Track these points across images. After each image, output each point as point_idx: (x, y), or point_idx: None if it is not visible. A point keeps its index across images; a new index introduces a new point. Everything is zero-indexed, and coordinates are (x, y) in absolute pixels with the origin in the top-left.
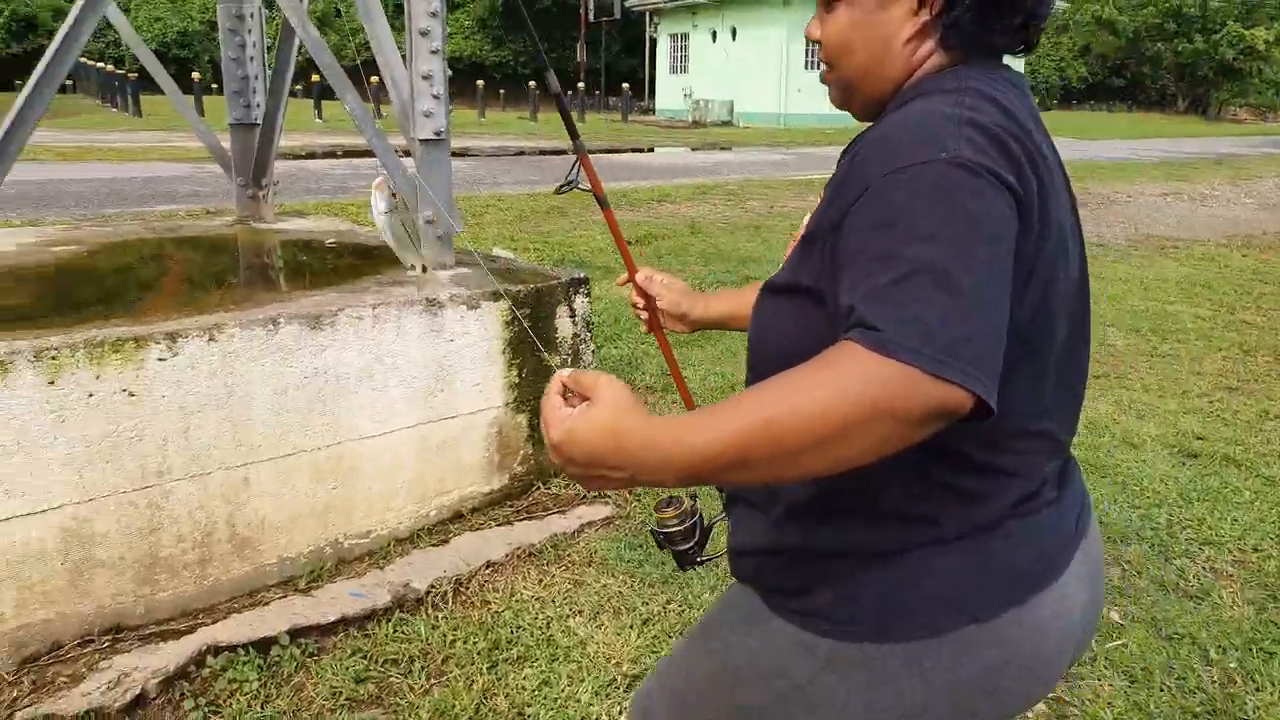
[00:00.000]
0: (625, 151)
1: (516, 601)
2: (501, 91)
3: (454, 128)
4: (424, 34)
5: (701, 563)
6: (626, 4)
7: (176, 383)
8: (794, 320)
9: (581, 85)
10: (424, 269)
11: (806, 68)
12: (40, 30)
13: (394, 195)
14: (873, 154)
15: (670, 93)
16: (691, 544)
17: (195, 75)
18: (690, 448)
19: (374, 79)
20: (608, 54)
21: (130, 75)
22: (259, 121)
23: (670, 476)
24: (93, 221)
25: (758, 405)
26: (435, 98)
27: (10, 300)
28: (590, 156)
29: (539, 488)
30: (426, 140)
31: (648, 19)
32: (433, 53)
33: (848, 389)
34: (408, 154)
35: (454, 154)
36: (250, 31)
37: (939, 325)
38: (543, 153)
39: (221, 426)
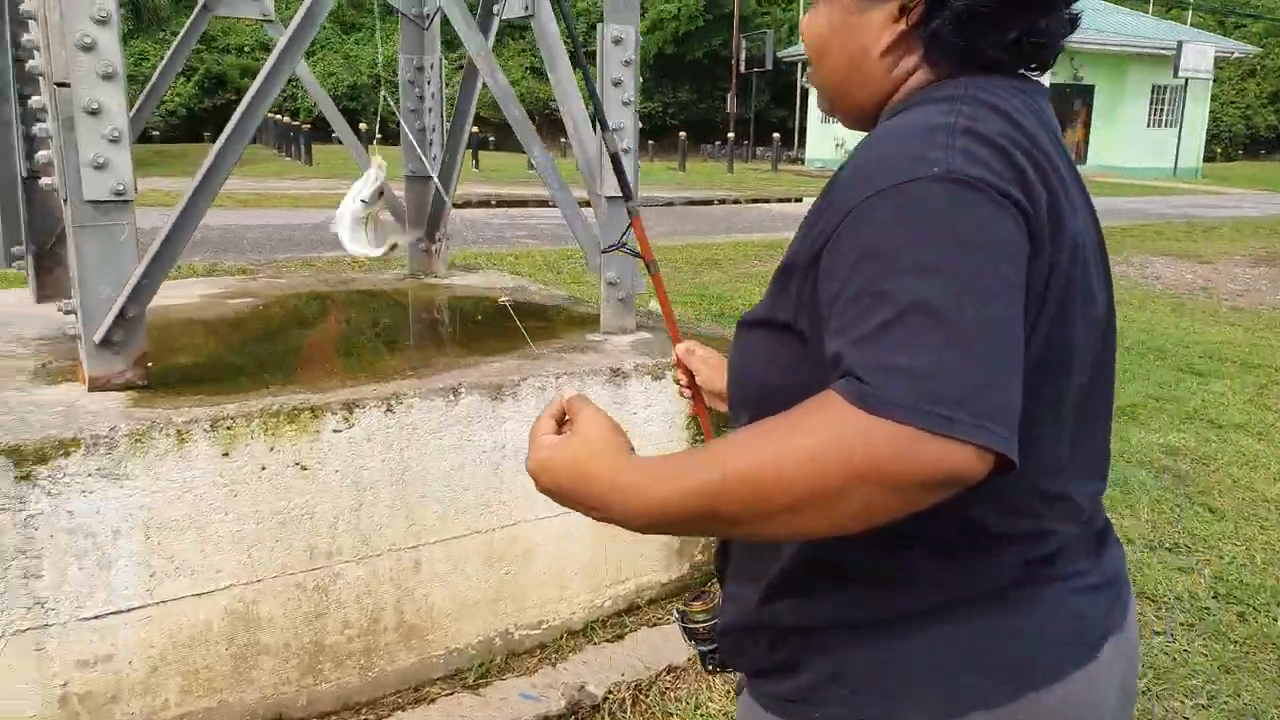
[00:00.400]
0: (774, 201)
1: (702, 716)
2: (650, 142)
3: None
4: (616, 84)
5: (715, 671)
6: (778, 54)
7: (351, 456)
8: (772, 357)
9: (731, 135)
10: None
11: None
12: (229, 87)
13: (381, 193)
14: (855, 173)
15: (821, 142)
16: (715, 647)
17: (362, 126)
18: (654, 498)
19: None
20: (758, 103)
21: (304, 126)
22: (434, 174)
23: (637, 523)
24: (267, 270)
25: (728, 459)
26: (625, 152)
27: (188, 358)
28: (742, 205)
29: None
30: (614, 197)
31: (799, 69)
32: (625, 104)
33: (831, 449)
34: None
35: None
36: (429, 83)
37: (940, 374)
38: (691, 203)
39: (395, 504)
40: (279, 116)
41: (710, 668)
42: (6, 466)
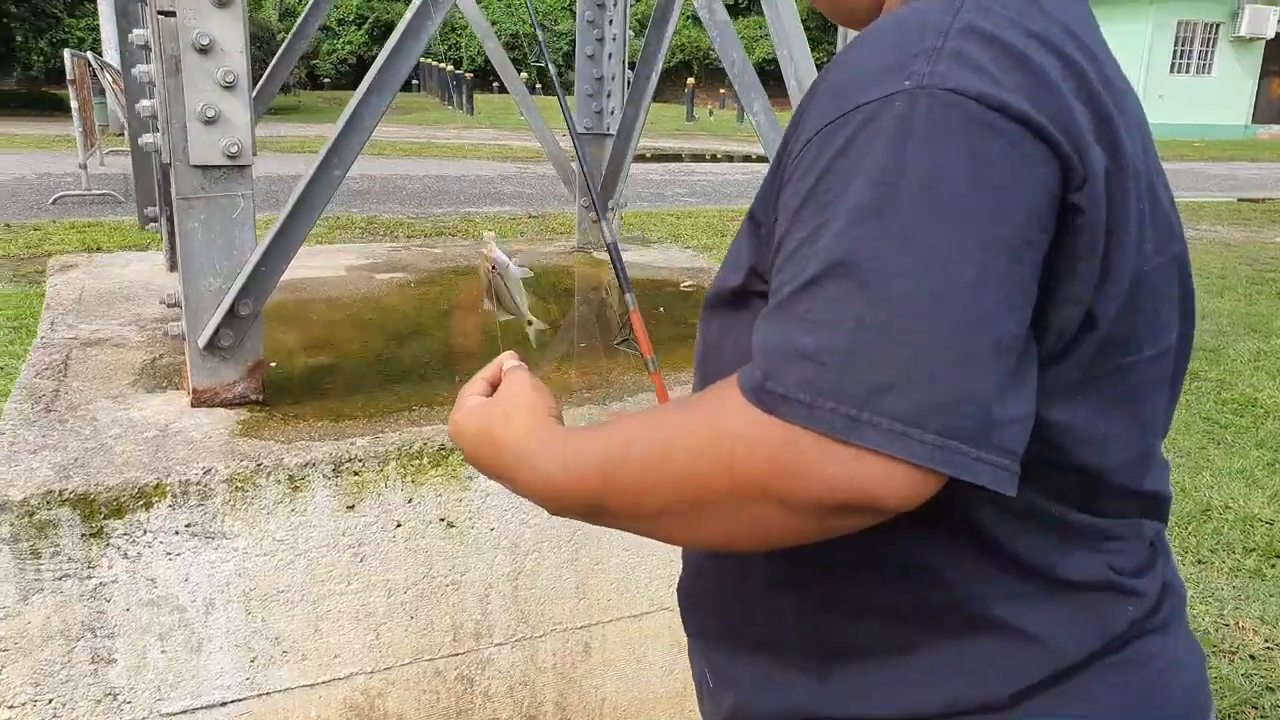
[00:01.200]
0: None
1: None
2: None
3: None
4: None
5: None
6: None
7: (510, 510)
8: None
9: None
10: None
11: (1173, 70)
12: None
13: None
14: (819, 94)
15: None
16: None
17: (523, 76)
18: (548, 475)
19: (690, 80)
20: None
21: (466, 75)
22: (612, 132)
23: (540, 502)
24: (420, 239)
25: (621, 443)
26: None
27: (318, 356)
28: None
29: None
30: None
31: None
32: None
33: (714, 449)
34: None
35: None
36: (611, 23)
37: (854, 358)
38: None
39: (562, 573)
40: (443, 65)
41: None
42: (72, 521)
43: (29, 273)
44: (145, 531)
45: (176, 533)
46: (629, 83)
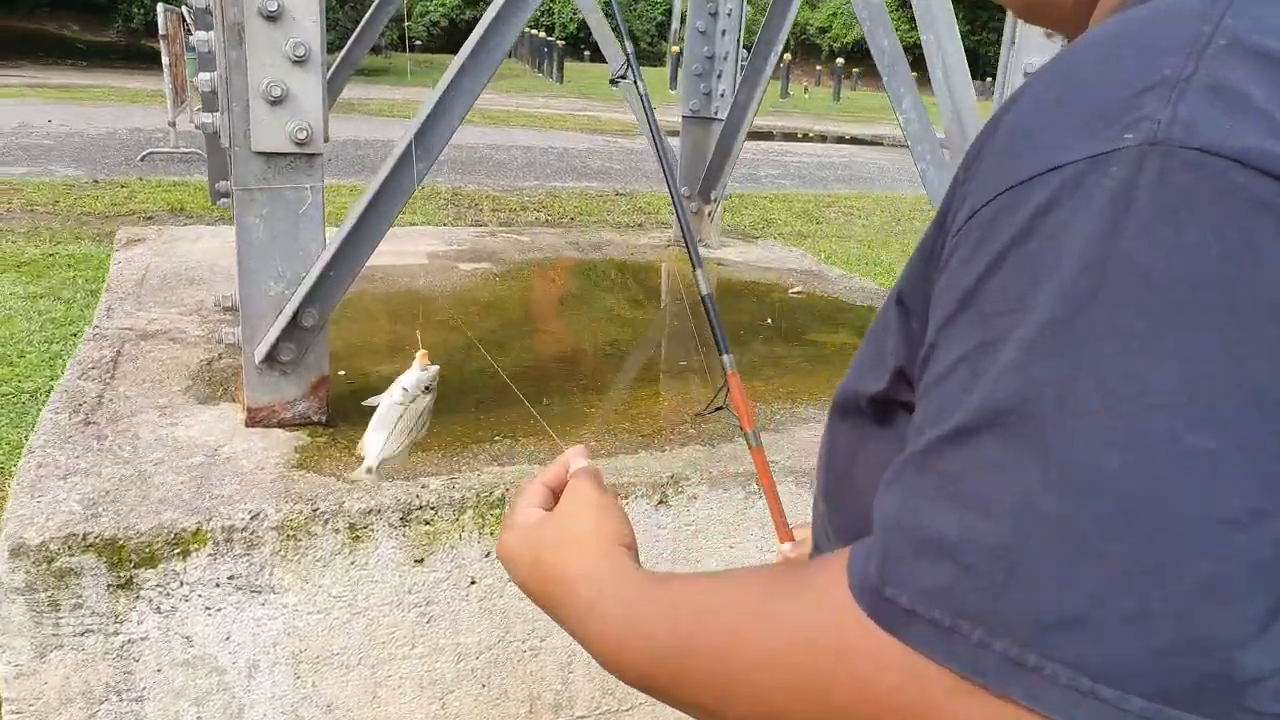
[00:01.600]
0: None
1: None
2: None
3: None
4: None
5: None
6: None
7: None
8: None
9: None
10: (369, 471)
11: None
12: None
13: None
14: (999, 135)
15: None
16: None
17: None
18: (598, 637)
19: (786, 55)
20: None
21: (558, 42)
22: (721, 116)
23: (602, 664)
24: (506, 212)
25: (681, 623)
26: None
27: (390, 364)
28: None
29: None
30: None
31: None
32: (1048, 35)
33: (797, 659)
34: None
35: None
36: None
37: (1020, 567)
38: None
39: None
40: (534, 31)
41: None
42: (97, 569)
43: (111, 232)
44: (181, 583)
45: (217, 585)
46: (742, 63)
